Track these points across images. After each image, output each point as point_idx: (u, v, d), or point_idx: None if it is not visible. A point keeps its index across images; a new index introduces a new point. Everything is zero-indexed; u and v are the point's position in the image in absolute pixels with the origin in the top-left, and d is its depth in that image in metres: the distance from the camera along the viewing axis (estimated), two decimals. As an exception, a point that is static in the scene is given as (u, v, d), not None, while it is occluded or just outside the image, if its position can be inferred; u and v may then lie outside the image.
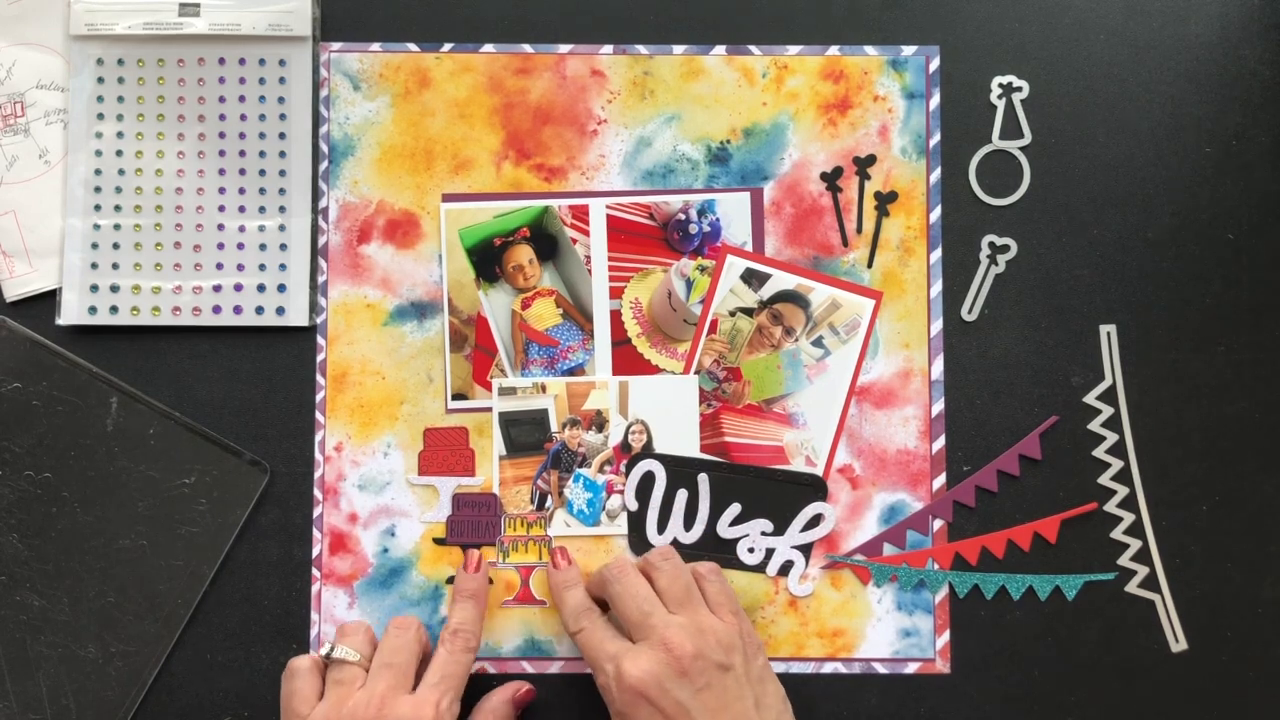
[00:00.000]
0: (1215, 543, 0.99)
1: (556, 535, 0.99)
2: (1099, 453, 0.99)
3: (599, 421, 1.00)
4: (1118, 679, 0.98)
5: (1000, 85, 1.01)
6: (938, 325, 1.00)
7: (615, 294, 1.01)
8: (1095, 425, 0.99)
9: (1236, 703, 0.98)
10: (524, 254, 1.01)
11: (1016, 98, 1.01)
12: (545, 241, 1.01)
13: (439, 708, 0.87)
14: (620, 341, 1.00)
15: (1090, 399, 0.99)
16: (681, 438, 1.00)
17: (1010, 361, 1.00)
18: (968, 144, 1.01)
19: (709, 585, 0.92)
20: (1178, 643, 0.98)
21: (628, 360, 1.00)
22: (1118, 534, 0.98)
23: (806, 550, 0.99)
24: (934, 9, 1.01)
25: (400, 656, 0.91)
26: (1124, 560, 0.98)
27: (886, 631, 0.99)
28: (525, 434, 1.00)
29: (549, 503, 1.00)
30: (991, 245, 1.00)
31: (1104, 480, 0.99)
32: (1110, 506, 0.99)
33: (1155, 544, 0.98)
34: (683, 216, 1.01)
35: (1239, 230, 1.00)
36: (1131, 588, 0.98)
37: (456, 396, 1.00)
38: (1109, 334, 0.99)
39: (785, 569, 0.99)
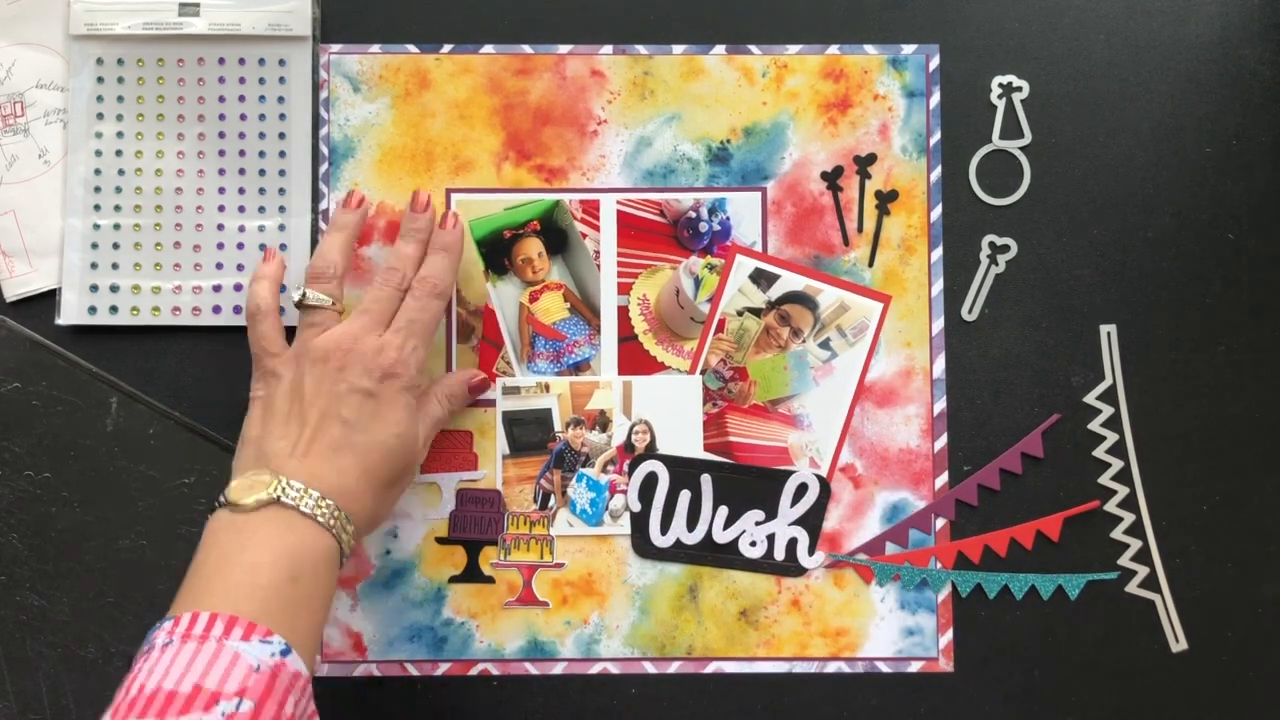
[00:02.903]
0: (1215, 543, 1.00)
1: (560, 535, 1.01)
2: (1099, 453, 1.00)
3: (602, 421, 1.02)
4: (1118, 679, 0.99)
5: (1000, 85, 1.02)
6: (939, 324, 1.02)
7: (623, 290, 1.02)
8: (1095, 425, 1.01)
9: (1236, 703, 1.00)
10: (533, 247, 1.03)
11: (1016, 98, 1.02)
12: (555, 235, 1.03)
13: (403, 350, 0.92)
14: (627, 338, 1.02)
15: (1090, 399, 1.01)
16: (685, 438, 1.01)
17: (1010, 361, 1.01)
18: (968, 144, 1.02)
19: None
20: (1178, 643, 1.00)
21: (634, 356, 1.02)
22: (1118, 534, 1.00)
23: (806, 524, 1.01)
24: (934, 8, 1.03)
25: (379, 305, 0.94)
26: (1124, 560, 1.00)
27: (889, 630, 1.00)
28: (529, 433, 1.02)
29: (552, 502, 1.01)
30: (991, 245, 1.01)
31: (1104, 480, 1.00)
32: (1110, 506, 1.00)
33: (1155, 544, 1.00)
34: (693, 214, 1.02)
35: (1239, 230, 1.02)
36: (1131, 588, 1.00)
37: (462, 386, 1.02)
38: (1109, 334, 1.01)
39: (791, 550, 1.01)
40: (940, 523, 1.01)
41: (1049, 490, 1.01)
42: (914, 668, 1.00)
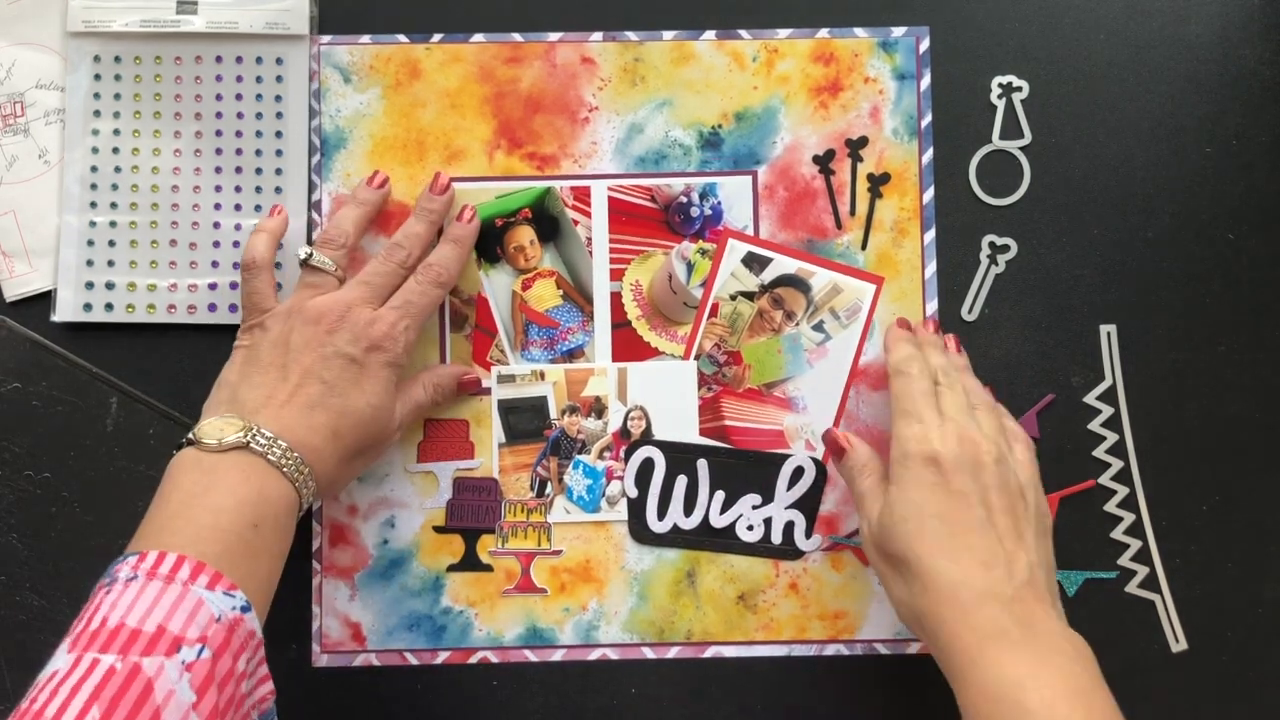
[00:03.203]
0: (1215, 543, 1.01)
1: (557, 522, 1.02)
2: (1099, 453, 1.01)
3: (598, 408, 1.03)
4: (1118, 679, 0.98)
5: (1000, 85, 1.03)
6: (933, 305, 1.03)
7: (616, 276, 1.04)
8: (1095, 425, 1.01)
9: (1236, 703, 1.01)
10: (525, 235, 1.04)
11: (1016, 98, 1.03)
12: (547, 223, 1.04)
13: (394, 327, 0.93)
14: (620, 324, 1.03)
15: (1090, 399, 1.01)
16: (680, 423, 1.03)
17: (1010, 361, 1.02)
18: (967, 144, 1.03)
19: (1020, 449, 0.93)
20: (1178, 643, 1.01)
21: (627, 342, 1.03)
22: (1118, 534, 1.01)
23: (803, 507, 1.02)
24: (934, 6, 1.04)
25: (379, 280, 0.96)
26: (1124, 560, 1.01)
27: (888, 612, 1.00)
28: (524, 421, 1.03)
29: (549, 489, 1.02)
30: (991, 245, 1.02)
31: (1104, 480, 1.01)
32: (1110, 506, 1.01)
33: (1155, 544, 1.01)
34: (684, 199, 1.03)
35: (1239, 230, 1.02)
36: (1131, 588, 1.01)
37: (456, 376, 1.03)
38: (1109, 334, 1.02)
39: (788, 534, 1.02)
40: (938, 503, 1.02)
41: (1047, 485, 1.00)
42: (913, 649, 1.01)
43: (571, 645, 1.02)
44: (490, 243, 1.04)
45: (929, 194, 1.03)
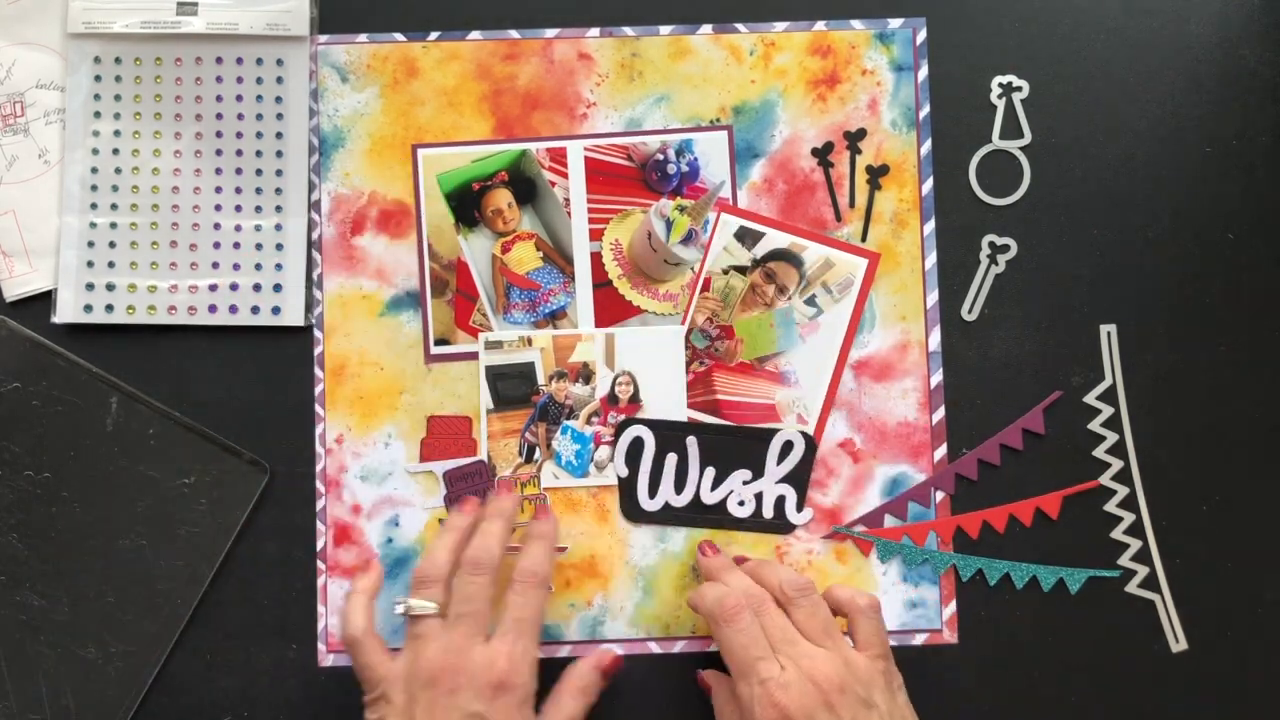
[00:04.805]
0: (1215, 543, 1.02)
1: (546, 487, 1.03)
2: (1099, 453, 1.02)
3: (586, 374, 1.04)
4: (1118, 679, 1.01)
5: (1000, 85, 1.04)
6: (933, 297, 1.04)
7: (595, 236, 1.05)
8: (1095, 425, 1.02)
9: (1236, 703, 1.02)
10: (503, 198, 1.05)
11: (1016, 98, 1.04)
12: (524, 185, 1.05)
13: (512, 657, 0.89)
14: (601, 283, 1.05)
15: (1090, 399, 1.03)
16: (668, 388, 1.04)
17: (1010, 361, 1.03)
18: (967, 144, 1.04)
19: (863, 621, 0.93)
20: (1178, 643, 1.02)
21: (610, 302, 1.05)
22: (1118, 534, 1.02)
23: (793, 481, 1.03)
24: (932, 3, 1.06)
25: (474, 604, 0.91)
26: (1124, 560, 1.02)
27: (893, 604, 1.02)
28: (512, 387, 1.04)
29: (537, 454, 1.04)
30: (991, 245, 1.03)
31: (1104, 480, 1.02)
32: (1110, 507, 1.02)
33: (1155, 544, 1.02)
34: (661, 157, 1.05)
35: (1239, 230, 1.04)
36: (1131, 588, 1.02)
37: (439, 342, 1.04)
38: (1109, 334, 1.03)
39: (780, 508, 1.03)
40: (939, 496, 1.03)
41: (1048, 485, 1.03)
42: (919, 640, 1.03)
43: (578, 641, 1.03)
44: (468, 207, 1.05)
45: (928, 185, 1.04)
